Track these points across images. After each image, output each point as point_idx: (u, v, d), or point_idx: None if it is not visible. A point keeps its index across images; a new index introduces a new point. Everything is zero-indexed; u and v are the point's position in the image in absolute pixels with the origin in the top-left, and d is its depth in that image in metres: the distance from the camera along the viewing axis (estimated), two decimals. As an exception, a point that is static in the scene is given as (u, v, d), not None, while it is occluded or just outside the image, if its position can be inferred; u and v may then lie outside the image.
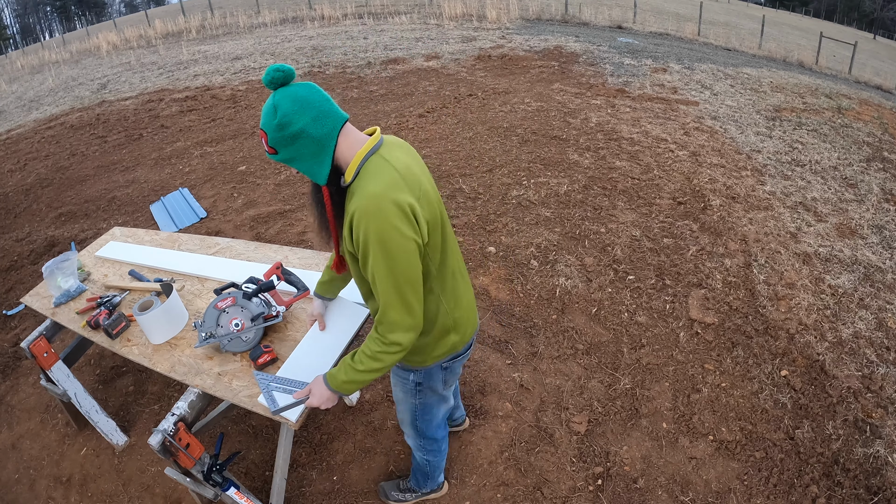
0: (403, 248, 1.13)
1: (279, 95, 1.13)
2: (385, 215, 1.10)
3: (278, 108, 1.13)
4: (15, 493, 2.24)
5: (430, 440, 1.73)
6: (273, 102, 1.13)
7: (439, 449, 1.79)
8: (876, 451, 2.16)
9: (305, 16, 14.61)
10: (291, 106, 1.12)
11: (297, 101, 1.12)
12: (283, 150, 1.17)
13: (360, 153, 1.17)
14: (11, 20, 53.43)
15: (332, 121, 1.15)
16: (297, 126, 1.13)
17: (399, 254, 1.12)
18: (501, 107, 6.01)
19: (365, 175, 1.15)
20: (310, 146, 1.16)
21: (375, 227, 1.10)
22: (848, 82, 9.57)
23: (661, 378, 2.55)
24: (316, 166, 1.18)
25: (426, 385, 1.51)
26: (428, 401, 1.57)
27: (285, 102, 1.12)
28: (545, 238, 3.55)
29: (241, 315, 1.72)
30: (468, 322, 1.45)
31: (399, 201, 1.11)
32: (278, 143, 1.16)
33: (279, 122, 1.13)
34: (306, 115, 1.13)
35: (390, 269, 1.13)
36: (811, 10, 41.96)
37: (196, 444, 1.58)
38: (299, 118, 1.13)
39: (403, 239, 1.12)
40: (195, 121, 6.63)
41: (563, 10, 13.67)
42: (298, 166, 1.19)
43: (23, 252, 4.03)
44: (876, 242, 3.57)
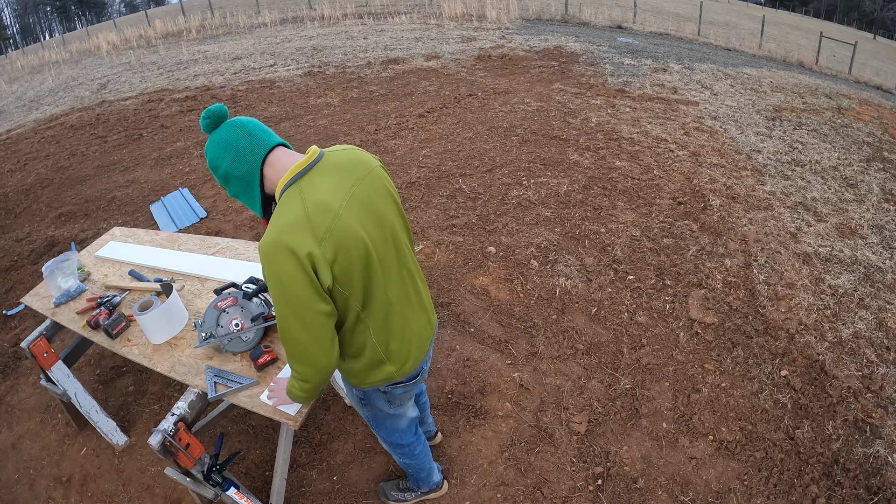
0: (293, 291, 1.12)
1: (208, 141, 1.21)
2: (277, 263, 1.10)
3: (207, 153, 1.21)
4: (15, 493, 2.24)
5: (396, 446, 1.73)
6: (205, 148, 1.21)
7: (412, 453, 1.78)
8: (876, 451, 2.16)
9: (305, 16, 14.61)
10: (214, 150, 1.19)
11: (219, 144, 1.18)
12: (227, 188, 1.24)
13: (280, 183, 1.17)
14: (11, 20, 53.43)
15: (251, 156, 1.18)
16: (223, 169, 1.20)
17: (290, 295, 1.12)
18: (501, 107, 6.01)
19: (276, 211, 1.16)
20: (238, 184, 1.21)
21: (270, 272, 1.12)
22: (848, 82, 9.57)
23: (661, 378, 2.55)
24: (250, 202, 1.24)
25: (368, 402, 1.50)
26: (377, 415, 1.57)
27: (210, 147, 1.20)
28: (545, 238, 3.55)
29: (241, 315, 1.72)
30: (408, 355, 1.39)
31: (293, 249, 1.09)
32: (220, 182, 1.24)
33: (210, 166, 1.21)
34: (226, 156, 1.18)
35: (283, 313, 1.15)
36: (811, 10, 41.96)
37: (196, 444, 1.58)
38: (222, 161, 1.19)
39: (300, 286, 1.11)
40: (195, 121, 6.63)
41: (563, 10, 13.67)
42: (242, 201, 1.25)
43: (23, 252, 4.03)
44: (876, 242, 3.57)
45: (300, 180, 1.16)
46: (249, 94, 7.42)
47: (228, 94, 7.56)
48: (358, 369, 1.36)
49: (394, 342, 1.35)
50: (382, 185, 1.28)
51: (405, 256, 1.34)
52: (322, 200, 1.14)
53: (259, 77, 8.29)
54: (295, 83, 7.77)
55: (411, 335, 1.39)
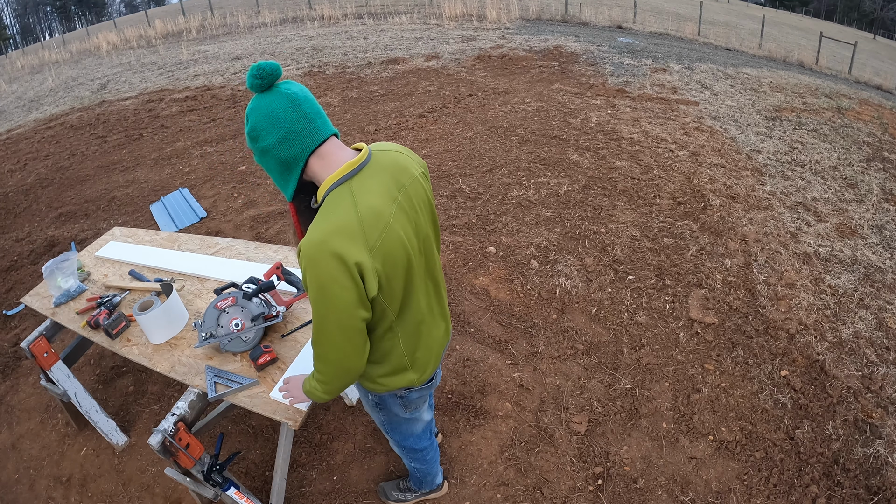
0: (340, 298, 1.06)
1: (255, 103, 1.08)
2: (323, 267, 1.03)
3: (249, 118, 1.09)
4: (15, 493, 2.24)
5: (410, 450, 1.72)
6: (249, 109, 1.09)
7: (424, 458, 1.77)
8: (876, 451, 2.16)
9: (305, 16, 14.61)
10: (261, 121, 1.07)
11: (268, 116, 1.06)
12: (256, 158, 1.14)
13: (330, 180, 1.09)
14: (11, 20, 53.43)
15: (302, 142, 1.08)
16: (264, 143, 1.09)
17: (333, 301, 1.06)
18: (501, 107, 6.01)
19: (323, 210, 1.08)
20: (274, 164, 1.12)
21: (313, 275, 1.05)
22: (848, 82, 9.57)
23: (661, 378, 2.55)
24: (282, 184, 1.16)
25: (384, 406, 1.48)
26: (392, 419, 1.54)
27: (256, 115, 1.08)
28: (545, 238, 3.55)
29: (241, 315, 1.72)
30: (428, 362, 1.38)
31: (342, 255, 1.02)
32: (252, 150, 1.13)
33: (248, 132, 1.10)
34: (273, 134, 1.07)
35: (322, 315, 1.09)
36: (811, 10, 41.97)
37: (196, 444, 1.58)
38: (266, 136, 1.08)
39: (343, 290, 1.05)
40: (195, 121, 6.63)
41: (563, 10, 13.67)
42: (272, 177, 1.17)
43: (23, 252, 4.03)
44: (876, 242, 3.57)
45: (351, 180, 1.09)
46: (249, 95, 7.42)
47: (228, 94, 7.56)
48: (378, 375, 1.34)
49: (420, 351, 1.33)
50: (423, 195, 1.24)
51: (433, 266, 1.32)
52: (374, 206, 1.08)
53: (259, 77, 8.28)
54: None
55: (432, 343, 1.37)
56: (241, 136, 5.92)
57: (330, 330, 1.11)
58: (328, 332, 1.11)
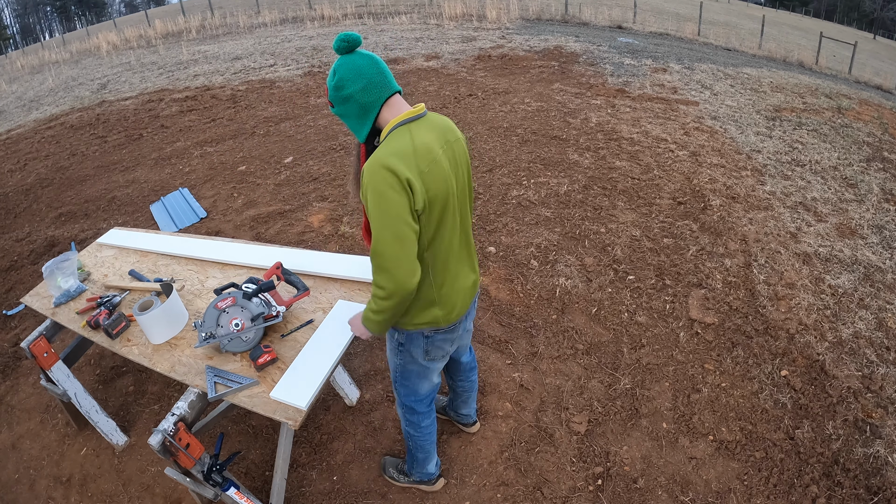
0: (393, 202, 1.26)
1: (342, 61, 1.34)
2: (380, 175, 1.26)
3: (337, 71, 1.34)
4: (15, 493, 2.24)
5: (409, 409, 1.79)
6: (335, 66, 1.35)
7: (419, 424, 1.83)
8: (876, 451, 2.16)
9: (305, 16, 14.61)
10: (347, 73, 1.33)
11: (353, 69, 1.32)
12: (337, 106, 1.38)
13: (393, 122, 1.35)
14: (11, 20, 53.42)
15: (378, 91, 1.34)
16: (348, 90, 1.33)
17: (390, 206, 1.26)
18: (501, 107, 6.01)
19: (385, 142, 1.33)
20: (356, 109, 1.36)
21: (371, 183, 1.27)
22: (848, 82, 9.57)
23: (661, 378, 2.55)
24: (358, 126, 1.39)
25: (406, 348, 1.60)
26: (408, 366, 1.66)
27: (343, 69, 1.33)
28: (545, 238, 3.55)
29: (241, 315, 1.72)
30: (455, 303, 1.53)
31: (394, 168, 1.26)
32: (334, 99, 1.37)
33: (335, 83, 1.35)
34: (357, 83, 1.33)
35: (380, 221, 1.28)
36: (811, 10, 41.95)
37: (196, 444, 1.58)
38: (351, 84, 1.33)
39: (397, 195, 1.26)
40: (195, 121, 6.63)
41: (563, 10, 13.67)
42: (347, 122, 1.40)
43: (23, 252, 4.03)
44: (876, 242, 3.57)
45: (410, 124, 1.35)
46: (249, 94, 7.42)
47: (228, 93, 7.56)
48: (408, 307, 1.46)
49: (446, 286, 1.49)
50: (464, 154, 1.49)
51: (467, 220, 1.53)
52: (427, 142, 1.34)
53: (259, 77, 8.29)
54: (295, 83, 7.77)
55: (460, 287, 1.54)
56: (241, 136, 5.92)
57: (386, 237, 1.28)
58: (385, 242, 1.28)
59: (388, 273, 1.31)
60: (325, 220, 3.96)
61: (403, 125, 1.34)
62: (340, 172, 4.70)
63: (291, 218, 4.05)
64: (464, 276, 1.55)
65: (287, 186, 4.57)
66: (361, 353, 2.74)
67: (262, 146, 5.56)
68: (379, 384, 2.54)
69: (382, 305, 1.37)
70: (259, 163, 5.13)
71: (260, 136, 5.86)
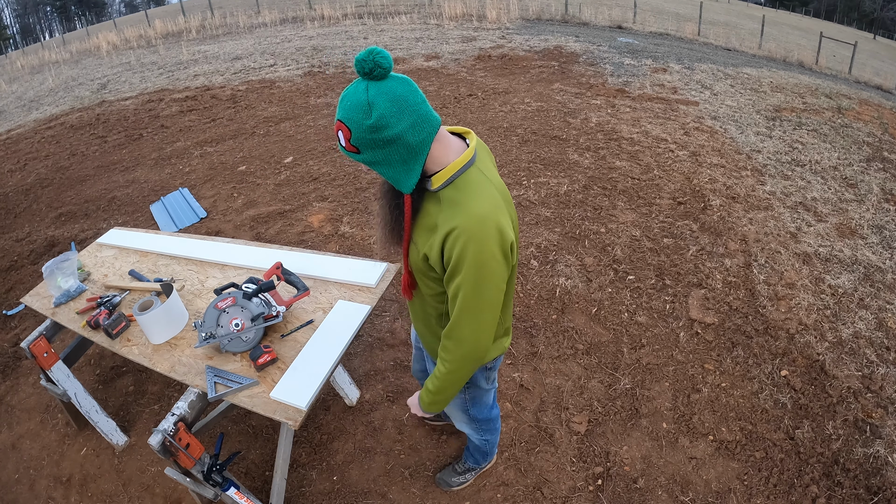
0: (497, 274, 1.10)
1: (375, 91, 0.98)
2: (488, 241, 1.06)
3: (374, 106, 0.98)
4: (15, 493, 2.24)
5: (485, 422, 1.75)
6: (367, 99, 0.98)
7: (496, 427, 1.82)
8: (876, 451, 2.16)
9: (305, 16, 14.61)
10: (390, 107, 0.99)
11: (396, 101, 0.99)
12: (368, 152, 1.04)
13: (458, 163, 1.09)
14: (11, 20, 53.42)
15: (429, 126, 1.05)
16: (395, 131, 1.01)
17: (491, 279, 1.10)
18: (501, 107, 6.01)
19: (466, 189, 1.08)
20: (402, 153, 1.05)
21: (475, 250, 1.05)
22: (848, 82, 9.57)
23: (661, 378, 2.55)
24: (404, 174, 1.08)
25: (471, 383, 1.54)
26: (476, 394, 1.61)
27: (383, 102, 0.98)
28: (545, 238, 3.55)
29: (241, 315, 1.72)
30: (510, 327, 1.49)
31: (502, 228, 1.07)
32: (366, 144, 1.03)
33: (374, 123, 0.99)
34: (405, 119, 1.00)
35: (478, 293, 1.11)
36: (811, 10, 41.96)
37: (196, 444, 1.58)
38: (397, 122, 1.00)
39: (499, 266, 1.10)
40: (195, 121, 6.63)
41: (563, 10, 13.67)
42: (383, 171, 1.08)
43: (23, 252, 4.03)
44: (876, 242, 3.57)
45: (478, 162, 1.13)
46: (249, 94, 7.42)
47: (228, 94, 7.56)
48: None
49: (508, 317, 1.42)
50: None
51: None
52: (501, 184, 1.16)
53: (259, 77, 8.29)
54: (295, 83, 7.77)
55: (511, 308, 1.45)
56: (241, 136, 5.92)
57: (481, 307, 1.13)
58: (477, 311, 1.13)
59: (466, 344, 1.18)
60: (325, 220, 3.96)
61: (472, 166, 1.11)
62: (340, 172, 4.70)
63: (291, 218, 4.05)
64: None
65: (287, 186, 4.57)
66: (361, 353, 2.74)
67: (262, 146, 5.56)
68: (379, 384, 2.54)
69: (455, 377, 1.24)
70: (259, 163, 5.13)
71: (260, 136, 5.86)
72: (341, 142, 1.06)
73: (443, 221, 1.09)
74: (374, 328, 2.88)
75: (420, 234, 1.16)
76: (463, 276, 1.09)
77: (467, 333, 1.17)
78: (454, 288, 1.12)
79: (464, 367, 1.23)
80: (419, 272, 1.24)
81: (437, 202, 1.12)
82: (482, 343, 1.19)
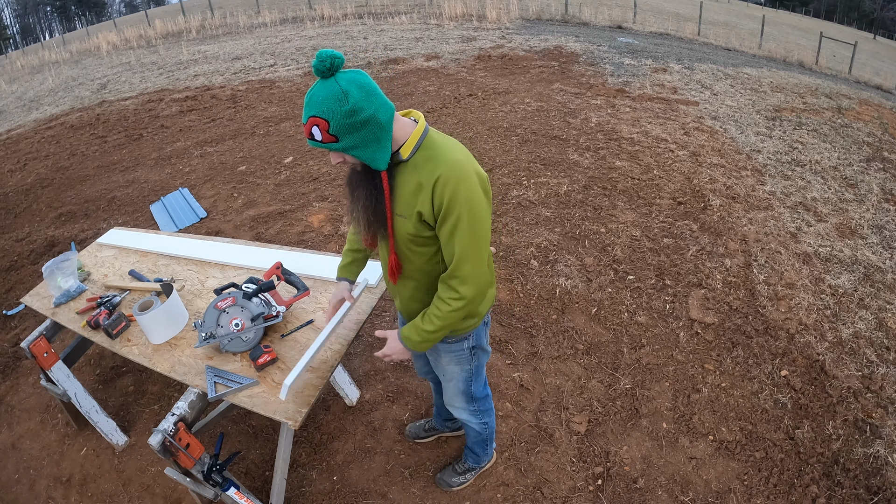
0: (484, 209, 1.24)
1: (343, 82, 1.12)
2: (472, 181, 1.20)
3: (348, 94, 1.11)
4: (15, 493, 2.24)
5: (482, 400, 1.78)
6: (341, 89, 1.11)
7: (491, 407, 1.85)
8: (876, 451, 2.16)
9: (305, 16, 14.61)
10: (360, 92, 1.12)
11: (363, 87, 1.13)
12: (347, 138, 1.15)
13: (419, 130, 1.24)
14: (11, 20, 53.43)
15: (390, 106, 1.20)
16: (368, 112, 1.14)
17: (480, 213, 1.23)
18: (501, 107, 6.01)
19: (434, 146, 1.23)
20: (376, 131, 1.17)
21: (465, 190, 1.18)
22: (848, 82, 9.57)
23: (661, 378, 2.55)
24: (379, 151, 1.20)
25: (478, 345, 1.59)
26: (480, 361, 1.66)
27: (353, 89, 1.12)
28: (545, 238, 3.55)
29: (241, 315, 1.72)
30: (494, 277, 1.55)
31: (479, 172, 1.24)
32: (344, 129, 1.14)
33: (351, 108, 1.12)
34: (374, 101, 1.14)
35: (473, 230, 1.22)
36: (811, 10, 41.96)
37: (196, 444, 1.58)
38: (369, 104, 1.13)
39: (484, 202, 1.24)
40: (195, 121, 6.63)
41: (563, 10, 13.67)
42: (360, 153, 1.19)
43: (23, 252, 4.03)
44: (876, 242, 3.57)
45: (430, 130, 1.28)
46: (249, 94, 7.42)
47: (228, 94, 7.56)
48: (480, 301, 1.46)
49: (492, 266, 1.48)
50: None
51: None
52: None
53: (259, 77, 8.29)
54: (295, 83, 7.77)
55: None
56: (241, 136, 5.92)
57: (477, 242, 1.24)
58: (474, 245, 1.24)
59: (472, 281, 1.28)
60: (325, 220, 3.96)
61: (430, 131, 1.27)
62: (340, 172, 4.70)
63: (291, 218, 4.05)
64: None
65: (287, 186, 4.57)
66: (361, 353, 2.74)
67: (262, 146, 5.56)
68: (379, 384, 2.54)
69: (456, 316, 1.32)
70: (259, 163, 5.13)
71: (260, 136, 5.86)
72: (316, 136, 1.16)
73: (426, 177, 1.20)
74: (374, 328, 2.88)
75: (403, 203, 1.26)
76: (456, 216, 1.20)
77: (468, 269, 1.27)
78: (448, 229, 1.23)
79: (469, 304, 1.31)
80: (410, 243, 1.31)
81: (412, 168, 1.24)
82: (483, 277, 1.31)
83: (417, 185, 1.22)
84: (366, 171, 1.25)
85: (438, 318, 1.33)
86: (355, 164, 1.25)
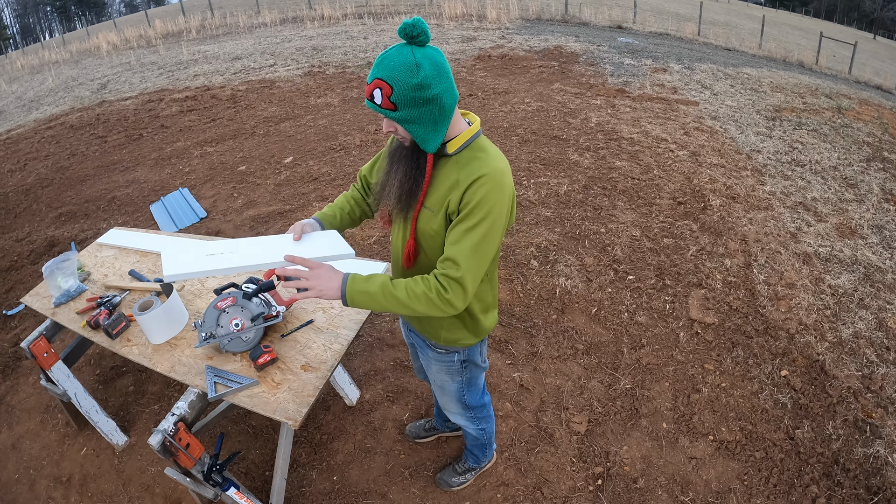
0: (500, 228, 1.20)
1: (420, 54, 1.09)
2: (505, 194, 1.18)
3: (421, 67, 1.09)
4: (15, 493, 2.24)
5: (479, 408, 1.76)
6: (415, 60, 1.08)
7: (489, 414, 1.83)
8: (876, 451, 2.16)
9: (305, 16, 14.61)
10: (433, 70, 1.10)
11: (437, 66, 1.11)
12: (406, 110, 1.12)
13: (471, 131, 1.22)
14: (11, 20, 53.43)
15: (456, 94, 1.18)
16: (434, 91, 1.11)
17: (495, 231, 1.19)
18: (501, 107, 6.01)
19: (482, 149, 1.21)
20: (435, 113, 1.14)
21: (495, 200, 1.16)
22: (848, 82, 9.57)
23: (661, 378, 2.55)
24: (433, 133, 1.17)
25: (470, 361, 1.56)
26: (472, 376, 1.62)
27: (427, 64, 1.09)
28: (545, 238, 3.55)
29: (241, 315, 1.72)
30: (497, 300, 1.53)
31: (512, 187, 1.22)
32: (406, 101, 1.11)
33: (419, 82, 1.09)
34: (443, 83, 1.12)
35: (485, 236, 1.18)
36: (811, 10, 41.97)
37: (196, 444, 1.58)
38: (438, 84, 1.11)
39: (504, 220, 1.21)
40: (195, 121, 6.63)
41: (563, 10, 13.67)
42: (413, 129, 1.16)
43: (23, 252, 4.03)
44: (876, 242, 3.57)
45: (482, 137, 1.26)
46: (249, 94, 7.42)
47: (228, 93, 7.55)
48: (480, 320, 1.44)
49: (496, 288, 1.46)
50: None
51: None
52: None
53: (259, 77, 8.29)
54: (295, 83, 7.77)
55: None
56: (241, 136, 5.92)
57: (482, 251, 1.19)
58: (479, 252, 1.19)
59: (464, 296, 1.20)
60: (325, 220, 3.96)
61: (481, 135, 1.25)
62: (340, 172, 4.70)
63: (291, 218, 4.04)
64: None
65: (287, 186, 4.57)
66: (361, 353, 2.74)
67: (262, 146, 5.55)
68: (379, 384, 2.54)
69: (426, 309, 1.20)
70: (259, 163, 5.13)
71: (260, 136, 5.86)
72: (376, 99, 1.13)
73: (465, 176, 1.17)
74: (374, 328, 2.88)
75: (436, 196, 1.22)
76: (475, 220, 1.16)
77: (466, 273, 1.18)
78: (462, 231, 1.17)
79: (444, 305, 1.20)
80: (431, 237, 1.27)
81: (454, 164, 1.21)
82: (470, 293, 1.21)
83: (455, 181, 1.19)
84: (414, 149, 1.22)
85: (409, 294, 1.20)
86: (405, 138, 1.20)
